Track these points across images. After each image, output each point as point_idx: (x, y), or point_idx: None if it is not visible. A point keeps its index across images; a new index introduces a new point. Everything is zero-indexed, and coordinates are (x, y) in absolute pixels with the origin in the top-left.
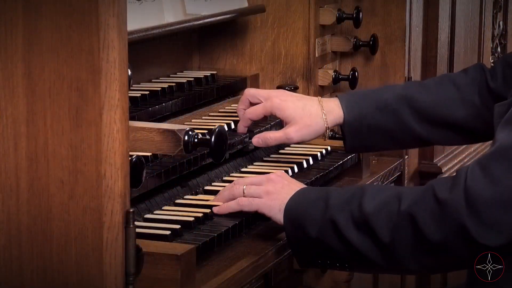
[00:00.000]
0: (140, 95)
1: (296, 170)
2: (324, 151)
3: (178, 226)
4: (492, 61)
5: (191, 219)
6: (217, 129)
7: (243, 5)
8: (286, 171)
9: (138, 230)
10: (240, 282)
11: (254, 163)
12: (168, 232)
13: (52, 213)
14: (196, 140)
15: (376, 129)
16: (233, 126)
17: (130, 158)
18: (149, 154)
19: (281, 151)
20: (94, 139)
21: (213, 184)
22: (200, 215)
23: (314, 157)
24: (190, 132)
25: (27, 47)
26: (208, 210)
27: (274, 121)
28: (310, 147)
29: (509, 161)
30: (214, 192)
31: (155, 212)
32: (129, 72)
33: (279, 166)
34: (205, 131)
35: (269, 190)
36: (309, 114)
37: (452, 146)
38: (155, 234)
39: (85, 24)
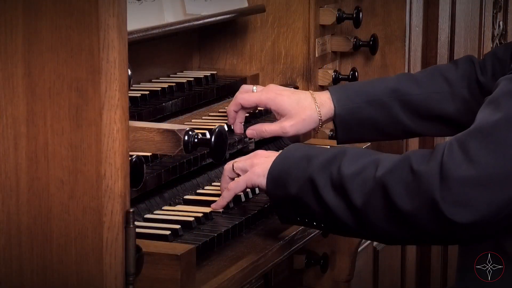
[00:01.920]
0: (140, 95)
1: None
2: None
3: (178, 226)
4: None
5: (191, 219)
6: (217, 129)
7: (243, 5)
8: None
9: (138, 230)
10: (240, 282)
11: None
12: (168, 232)
13: (52, 213)
14: (196, 140)
15: (367, 122)
16: (233, 126)
17: (130, 158)
18: (149, 154)
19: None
20: (94, 139)
21: (213, 184)
22: (200, 215)
23: None
24: (190, 132)
25: (27, 47)
26: (208, 210)
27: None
28: None
29: (486, 140)
30: (214, 192)
31: (155, 212)
32: (129, 72)
33: None
34: (205, 131)
35: (254, 162)
36: (304, 108)
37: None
38: (155, 234)
39: (85, 24)
